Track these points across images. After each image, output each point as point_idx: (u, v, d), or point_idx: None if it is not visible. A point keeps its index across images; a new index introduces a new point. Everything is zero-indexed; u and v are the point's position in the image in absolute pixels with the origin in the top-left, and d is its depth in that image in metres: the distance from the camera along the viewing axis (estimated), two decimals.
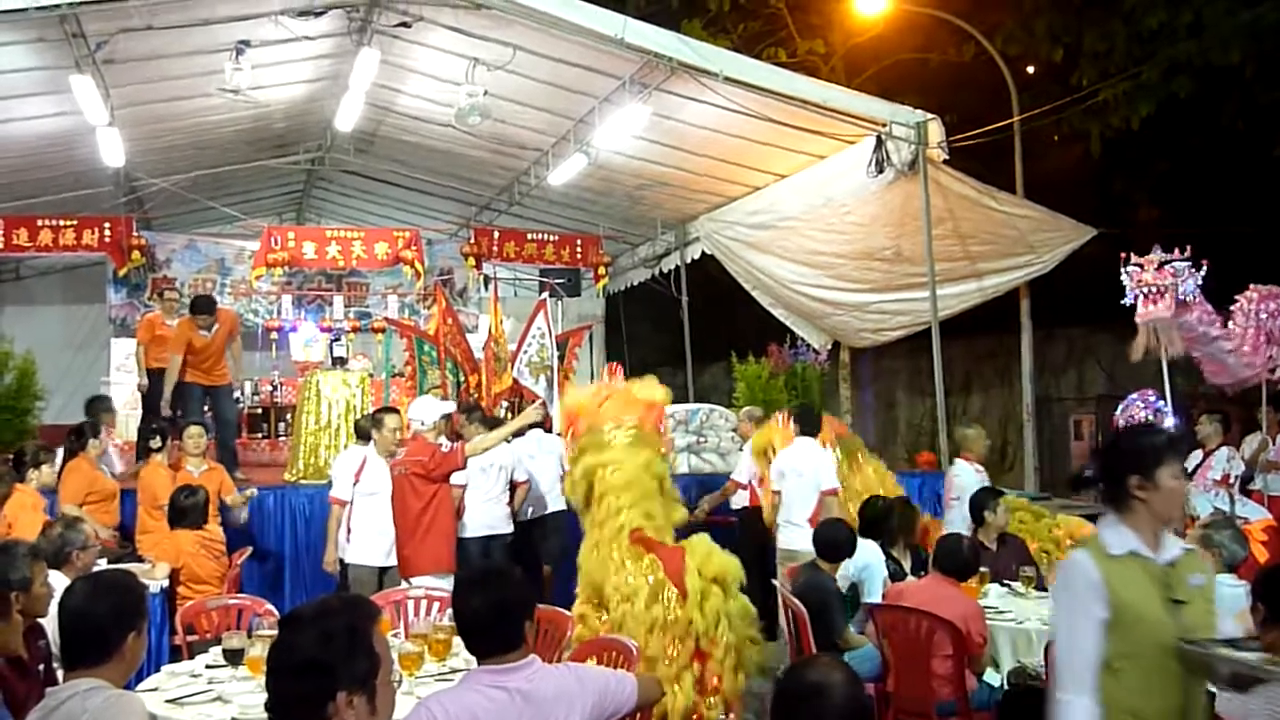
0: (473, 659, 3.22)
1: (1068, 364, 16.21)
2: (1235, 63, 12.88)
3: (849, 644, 5.70)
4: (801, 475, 7.73)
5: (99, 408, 9.48)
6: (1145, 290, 8.06)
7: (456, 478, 7.01)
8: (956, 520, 7.63)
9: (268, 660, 2.38)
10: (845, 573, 6.12)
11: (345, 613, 2.38)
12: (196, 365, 9.66)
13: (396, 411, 7.77)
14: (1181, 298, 7.89)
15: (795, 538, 7.50)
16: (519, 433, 8.25)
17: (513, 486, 8.06)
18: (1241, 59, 12.85)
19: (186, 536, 6.68)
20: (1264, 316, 8.08)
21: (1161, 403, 7.99)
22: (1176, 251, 8.02)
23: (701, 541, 5.33)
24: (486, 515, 7.72)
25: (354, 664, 2.30)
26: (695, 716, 4.90)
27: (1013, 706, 5.31)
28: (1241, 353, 8.16)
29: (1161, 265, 7.99)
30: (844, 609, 5.78)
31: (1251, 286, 8.21)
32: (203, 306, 9.85)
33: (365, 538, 7.17)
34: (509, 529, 7.95)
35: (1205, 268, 7.86)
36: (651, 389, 6.02)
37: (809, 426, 8.05)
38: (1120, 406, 8.23)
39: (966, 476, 7.98)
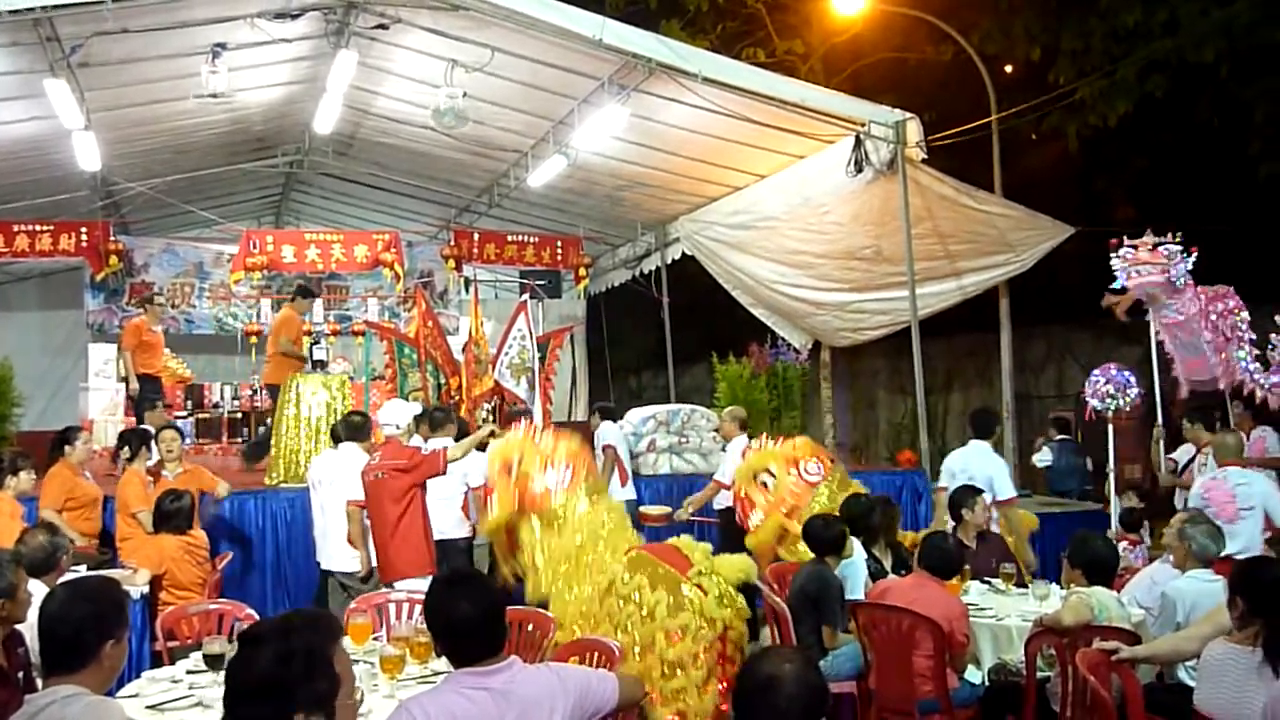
0: None
1: (1047, 362, 16.31)
2: (1210, 61, 12.97)
3: (833, 641, 5.72)
4: (973, 480, 7.49)
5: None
6: (1137, 270, 8.14)
7: None
8: (1251, 532, 7.10)
9: (225, 679, 2.34)
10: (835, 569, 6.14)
11: (306, 632, 2.34)
12: None
13: None
14: (1174, 280, 7.97)
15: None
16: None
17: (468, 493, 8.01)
18: (1216, 57, 12.94)
19: (170, 541, 6.64)
20: (1214, 317, 8.14)
21: (1125, 373, 8.04)
22: (1169, 235, 8.11)
23: (703, 550, 5.37)
24: (439, 519, 7.61)
25: (313, 685, 2.26)
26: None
27: (994, 703, 5.34)
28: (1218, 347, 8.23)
29: (1155, 247, 8.09)
30: (843, 602, 5.80)
31: (1199, 288, 8.25)
32: (312, 290, 10.14)
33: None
34: (463, 534, 7.88)
35: (1194, 255, 7.94)
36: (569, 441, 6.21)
37: (984, 430, 7.97)
38: (1087, 384, 8.27)
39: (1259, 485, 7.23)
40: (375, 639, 4.93)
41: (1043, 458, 11.61)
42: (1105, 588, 5.09)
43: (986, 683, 5.42)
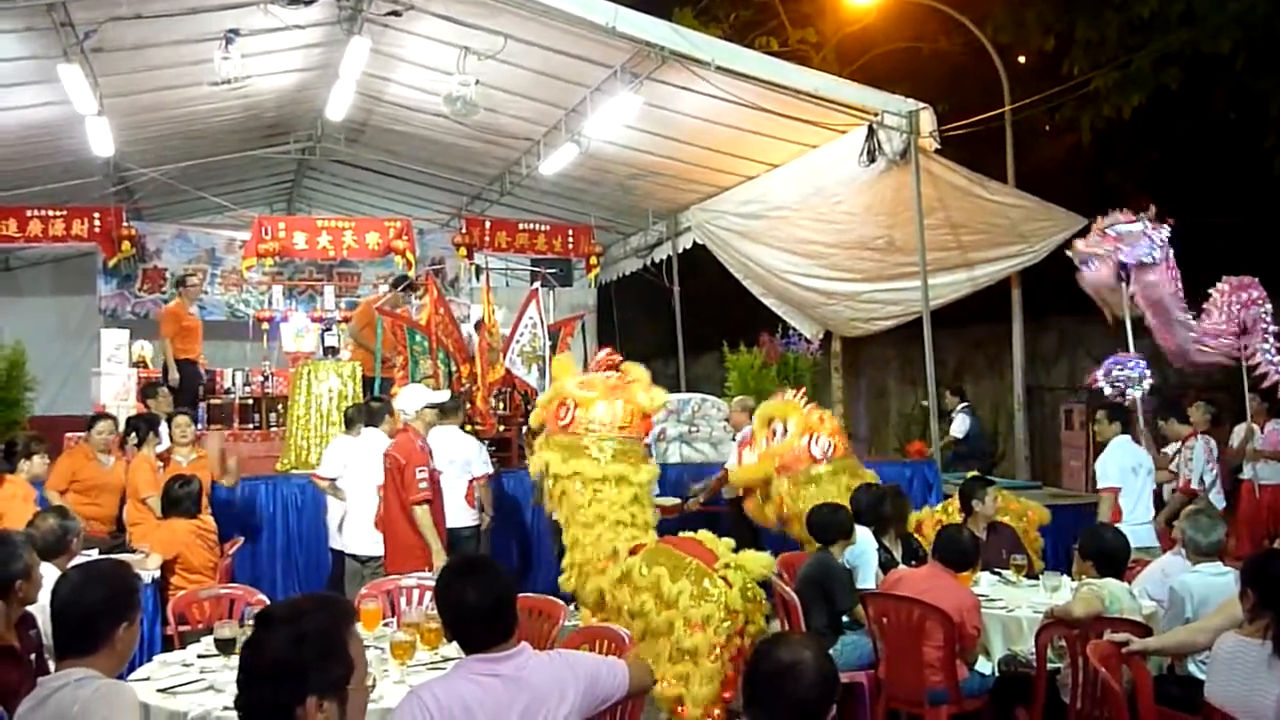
0: None
1: (1059, 353, 16.21)
2: (1226, 52, 12.88)
3: (857, 616, 5.72)
4: (1152, 471, 7.58)
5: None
6: (1086, 257, 8.14)
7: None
8: None
9: (240, 659, 2.33)
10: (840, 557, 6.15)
11: (321, 614, 2.31)
12: None
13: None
14: (1134, 260, 7.93)
15: (1143, 535, 7.32)
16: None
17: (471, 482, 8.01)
18: (1232, 48, 12.85)
19: (182, 525, 6.66)
20: (1236, 307, 8.09)
21: (1141, 362, 8.01)
22: (1122, 213, 8.09)
23: (727, 545, 5.46)
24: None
25: (327, 668, 2.25)
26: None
27: (1004, 694, 5.33)
28: (1203, 335, 8.18)
29: (1104, 231, 8.07)
30: (850, 585, 5.80)
31: (1224, 278, 8.22)
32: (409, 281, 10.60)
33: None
34: (469, 522, 7.88)
35: (1169, 226, 7.90)
36: (651, 398, 6.34)
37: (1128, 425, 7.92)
38: (1100, 370, 8.24)
39: None
40: (386, 625, 4.95)
41: (960, 426, 11.66)
42: (1116, 579, 5.08)
43: (996, 674, 5.42)
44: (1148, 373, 8.07)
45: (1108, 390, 8.14)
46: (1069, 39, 14.48)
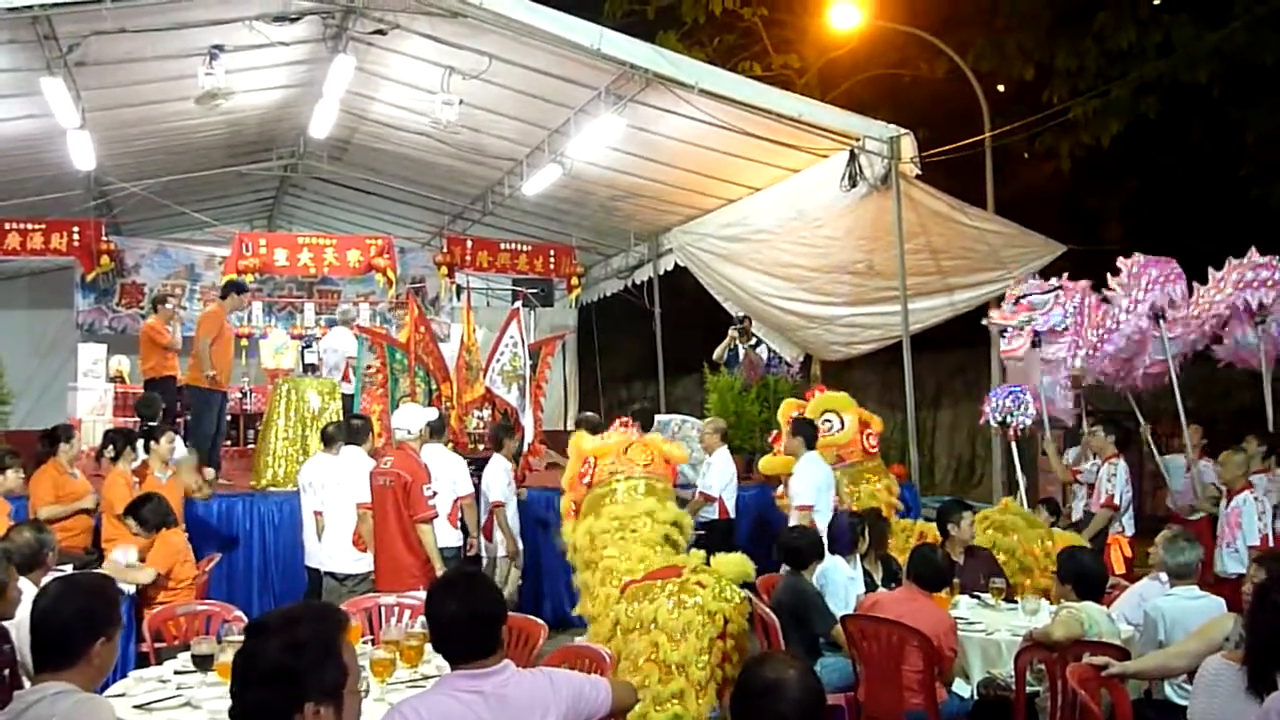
0: (444, 666, 3.20)
1: None
2: (1203, 82, 13.05)
3: (835, 638, 5.71)
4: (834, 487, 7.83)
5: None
6: (1004, 328, 8.40)
7: None
8: None
9: (234, 667, 2.36)
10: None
11: (315, 621, 2.38)
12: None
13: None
14: (1045, 328, 8.14)
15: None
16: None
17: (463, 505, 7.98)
18: (1209, 79, 13.02)
19: (180, 537, 6.62)
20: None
21: (1023, 390, 8.20)
22: (1044, 281, 8.31)
23: (696, 555, 5.55)
24: None
25: (323, 674, 2.30)
26: None
27: (983, 717, 5.33)
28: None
29: (1019, 299, 8.29)
30: (825, 608, 5.79)
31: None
32: (240, 287, 10.11)
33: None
34: (453, 542, 7.81)
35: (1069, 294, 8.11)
36: (673, 445, 6.83)
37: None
38: (987, 402, 8.41)
39: None
40: (365, 642, 4.91)
41: None
42: (1095, 603, 5.09)
43: (975, 696, 5.41)
44: (1031, 402, 8.27)
45: (993, 422, 8.39)
46: (1049, 68, 14.66)
